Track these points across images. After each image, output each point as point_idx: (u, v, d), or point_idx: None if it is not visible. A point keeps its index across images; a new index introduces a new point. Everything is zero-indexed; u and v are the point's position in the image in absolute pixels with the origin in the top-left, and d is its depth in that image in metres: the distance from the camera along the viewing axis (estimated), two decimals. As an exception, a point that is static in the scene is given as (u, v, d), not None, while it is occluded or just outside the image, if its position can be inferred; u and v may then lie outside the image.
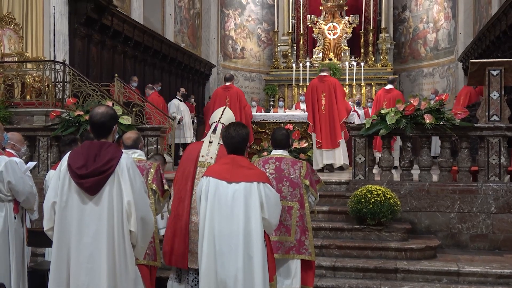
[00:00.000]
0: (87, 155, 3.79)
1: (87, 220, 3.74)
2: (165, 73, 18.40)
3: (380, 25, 21.15)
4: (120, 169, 3.78)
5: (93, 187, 3.73)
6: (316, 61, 20.50)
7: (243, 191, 4.26)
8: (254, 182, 4.29)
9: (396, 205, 7.65)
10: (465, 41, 19.30)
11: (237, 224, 4.23)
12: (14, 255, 5.57)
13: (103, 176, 3.74)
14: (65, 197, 3.79)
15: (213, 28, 21.69)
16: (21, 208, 5.73)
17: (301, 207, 5.61)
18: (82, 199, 3.76)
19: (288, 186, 5.58)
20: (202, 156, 5.88)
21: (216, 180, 4.32)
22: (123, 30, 15.24)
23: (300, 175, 5.61)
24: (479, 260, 7.37)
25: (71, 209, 3.77)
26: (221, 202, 4.28)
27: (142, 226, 3.83)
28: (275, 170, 5.59)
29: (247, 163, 4.49)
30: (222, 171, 4.36)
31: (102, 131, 3.91)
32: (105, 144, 3.85)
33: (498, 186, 8.07)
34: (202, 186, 4.39)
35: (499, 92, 8.35)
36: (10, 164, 5.59)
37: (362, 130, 8.48)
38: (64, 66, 10.78)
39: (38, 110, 10.38)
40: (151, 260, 5.45)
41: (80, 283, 3.72)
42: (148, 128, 9.40)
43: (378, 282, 6.88)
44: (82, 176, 3.73)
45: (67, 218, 3.77)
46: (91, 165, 3.74)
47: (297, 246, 5.58)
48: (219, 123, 6.14)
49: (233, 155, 4.44)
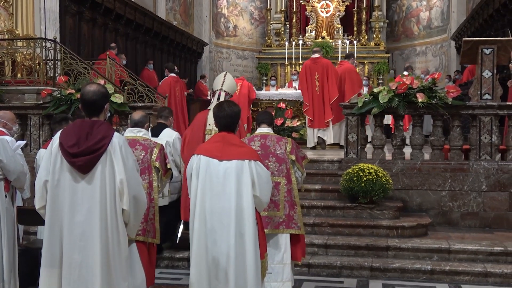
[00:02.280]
0: (79, 133, 3.74)
1: (79, 199, 3.72)
2: (157, 51, 18.28)
3: (373, 3, 21.03)
4: (113, 148, 3.76)
5: (85, 165, 3.71)
6: (309, 39, 20.40)
7: (234, 169, 4.26)
8: (246, 160, 4.30)
9: (388, 184, 7.69)
10: (458, 19, 19.25)
11: (229, 202, 4.24)
12: (6, 234, 5.55)
13: (95, 155, 3.71)
14: (57, 175, 3.76)
15: (205, 5, 21.51)
16: (11, 187, 5.71)
17: (288, 182, 5.60)
18: (74, 177, 3.73)
19: (275, 162, 5.57)
20: (209, 125, 6.38)
21: (207, 158, 4.30)
22: (115, 8, 15.10)
23: (285, 151, 5.61)
24: (469, 238, 7.44)
25: (63, 188, 3.74)
26: (212, 180, 4.28)
27: (135, 204, 3.83)
28: (260, 147, 5.57)
29: (238, 141, 4.49)
30: (213, 149, 4.35)
31: (94, 109, 3.85)
32: (97, 122, 3.81)
33: (489, 165, 8.12)
34: (193, 164, 4.37)
35: (491, 70, 8.36)
36: (1, 143, 5.55)
37: (354, 108, 8.48)
38: (55, 44, 10.69)
39: (29, 88, 10.32)
40: (150, 237, 5.50)
41: (73, 261, 3.71)
42: (140, 107, 9.36)
43: (369, 260, 6.93)
44: (74, 154, 3.70)
45: (59, 197, 3.75)
46: (83, 143, 3.71)
47: (286, 220, 5.60)
48: (222, 91, 6.66)
49: (224, 133, 4.43)
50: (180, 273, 6.92)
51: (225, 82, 6.80)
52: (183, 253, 7.06)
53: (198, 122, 6.62)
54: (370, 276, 6.75)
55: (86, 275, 3.70)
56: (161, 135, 7.30)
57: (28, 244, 6.56)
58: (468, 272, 6.61)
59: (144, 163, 5.61)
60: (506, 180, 8.06)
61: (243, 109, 10.94)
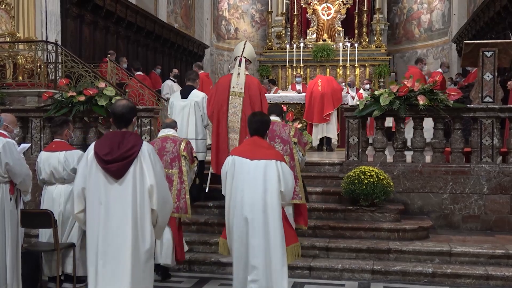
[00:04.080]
0: (111, 143, 4.17)
1: (113, 201, 4.12)
2: (158, 54, 18.30)
3: (374, 5, 21.02)
4: (143, 155, 4.17)
5: (118, 171, 4.11)
6: (310, 42, 20.39)
7: (263, 167, 4.98)
8: (273, 160, 5.02)
9: (389, 186, 7.69)
10: (459, 22, 19.25)
11: (258, 194, 4.94)
12: (10, 236, 5.56)
13: (127, 161, 4.12)
14: (93, 181, 4.16)
15: (206, 8, 21.53)
16: (16, 189, 5.71)
17: (291, 159, 6.59)
18: (109, 182, 4.13)
19: (280, 143, 6.63)
20: (233, 87, 7.65)
21: (240, 158, 5.05)
22: (116, 11, 15.11)
23: (289, 135, 6.69)
24: (471, 241, 7.43)
25: (99, 192, 4.14)
26: (244, 176, 4.99)
27: (163, 205, 4.24)
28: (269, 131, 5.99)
29: (266, 145, 5.29)
30: (245, 151, 5.13)
31: (123, 121, 4.28)
32: (127, 133, 4.24)
33: (490, 167, 8.11)
34: (228, 163, 5.12)
35: (492, 73, 8.36)
36: (8, 146, 5.55)
37: (355, 111, 8.48)
38: (56, 47, 10.70)
39: (31, 91, 10.32)
40: (183, 213, 6.60)
41: (107, 256, 4.13)
42: (141, 109, 9.35)
43: (371, 263, 6.93)
44: (108, 161, 4.10)
45: (96, 200, 4.14)
46: (115, 151, 4.12)
47: None
48: (242, 57, 7.86)
49: (254, 138, 5.20)
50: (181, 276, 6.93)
51: (245, 49, 7.92)
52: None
53: (223, 85, 7.74)
54: (371, 279, 6.75)
55: (117, 266, 4.12)
56: (190, 96, 8.24)
57: (29, 246, 6.56)
58: (469, 275, 6.61)
59: (174, 153, 6.67)
60: (507, 183, 8.05)
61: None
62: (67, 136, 6.65)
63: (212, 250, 7.36)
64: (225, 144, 7.64)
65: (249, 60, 7.98)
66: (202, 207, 7.73)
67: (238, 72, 7.78)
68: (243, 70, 7.83)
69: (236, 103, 7.74)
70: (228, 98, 7.67)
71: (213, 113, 7.78)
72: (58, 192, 6.41)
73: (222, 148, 7.64)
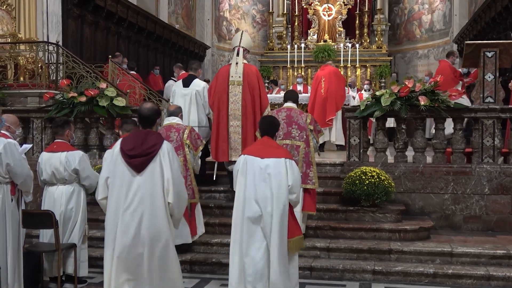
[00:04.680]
0: (135, 140, 4.65)
1: (133, 191, 4.56)
2: (159, 55, 18.30)
3: (375, 6, 21.03)
4: (162, 152, 4.62)
5: (140, 165, 4.58)
6: (311, 42, 20.40)
7: (272, 164, 5.36)
8: (282, 158, 5.41)
9: (390, 187, 7.69)
10: (460, 22, 19.24)
11: (267, 190, 5.31)
12: (11, 237, 5.56)
13: (148, 157, 4.58)
14: (117, 173, 4.61)
15: (207, 9, 21.52)
16: (17, 190, 5.71)
17: (306, 145, 7.22)
18: (131, 174, 4.58)
19: (297, 129, 7.22)
20: (231, 76, 8.02)
21: (251, 157, 5.44)
22: (117, 11, 15.12)
23: (306, 122, 7.28)
24: (472, 241, 7.43)
25: (122, 182, 4.59)
26: (255, 173, 5.37)
27: (178, 199, 4.65)
28: (286, 117, 7.25)
29: (275, 144, 5.72)
30: (256, 151, 5.52)
31: (148, 122, 4.79)
32: (150, 132, 4.74)
33: (491, 168, 8.11)
34: (240, 162, 5.49)
35: (493, 74, 8.35)
36: (9, 146, 5.56)
37: (356, 112, 8.48)
38: (58, 47, 10.71)
39: (32, 91, 10.34)
40: (191, 198, 6.90)
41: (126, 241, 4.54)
42: (142, 110, 9.35)
43: (372, 263, 6.92)
44: (131, 156, 4.58)
45: (118, 189, 4.59)
46: (138, 148, 4.60)
47: (303, 177, 6.89)
48: (240, 47, 8.17)
49: (264, 138, 5.62)
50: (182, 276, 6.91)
51: (243, 39, 8.28)
52: (185, 256, 7.06)
53: (222, 75, 8.13)
54: (372, 279, 6.74)
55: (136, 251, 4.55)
56: (191, 85, 8.57)
57: (31, 247, 6.56)
58: (470, 276, 6.60)
59: (178, 141, 7.05)
60: (508, 183, 8.05)
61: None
62: (68, 137, 6.65)
63: (213, 250, 7.37)
64: (225, 132, 8.00)
65: (246, 49, 8.31)
66: (203, 207, 7.72)
67: (237, 61, 8.12)
68: (241, 59, 8.15)
69: (236, 92, 8.05)
70: (228, 87, 8.03)
71: (214, 102, 8.14)
72: (59, 193, 6.40)
73: (222, 135, 8.01)
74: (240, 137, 7.98)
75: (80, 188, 6.49)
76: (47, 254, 6.34)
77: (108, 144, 9.29)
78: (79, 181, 6.47)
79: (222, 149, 7.98)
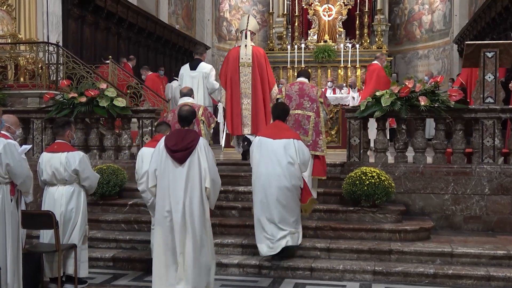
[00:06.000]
0: (177, 137, 5.57)
1: (177, 179, 5.44)
2: (159, 55, 18.31)
3: (375, 6, 21.05)
4: (199, 147, 5.51)
5: (182, 158, 5.47)
6: (311, 43, 20.41)
7: (283, 145, 6.60)
8: (291, 139, 6.64)
9: (391, 187, 7.68)
10: (461, 22, 19.26)
11: (278, 167, 6.55)
12: (10, 237, 5.55)
13: (188, 151, 5.48)
14: (163, 165, 5.51)
15: (207, 9, 21.53)
16: (17, 190, 5.71)
17: (317, 116, 7.98)
18: (174, 165, 5.47)
19: (308, 101, 7.98)
20: (241, 58, 9.07)
21: (265, 138, 6.72)
22: (117, 11, 15.13)
23: (316, 95, 8.04)
24: (472, 242, 7.42)
25: (167, 172, 5.49)
26: (268, 152, 6.62)
27: (213, 185, 5.56)
28: (298, 89, 8.07)
29: (286, 127, 6.94)
30: (269, 133, 6.77)
31: (186, 121, 5.73)
32: (189, 130, 5.67)
33: (492, 168, 8.10)
34: (255, 142, 6.79)
35: (494, 74, 8.35)
36: (9, 147, 5.55)
37: (357, 112, 8.48)
38: (58, 48, 10.72)
39: (32, 92, 10.35)
40: None
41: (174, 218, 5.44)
42: (142, 110, 9.37)
43: (372, 263, 6.92)
44: (174, 151, 5.48)
45: (165, 178, 5.49)
46: (180, 143, 5.50)
47: (313, 144, 7.89)
48: (247, 31, 9.16)
49: (276, 122, 6.87)
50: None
51: (249, 23, 9.23)
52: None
53: (233, 56, 9.13)
54: (372, 280, 6.74)
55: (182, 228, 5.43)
56: (198, 68, 9.34)
57: (31, 248, 6.55)
58: (471, 276, 6.59)
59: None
60: (509, 184, 8.05)
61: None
62: (68, 137, 6.64)
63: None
64: (238, 109, 9.06)
65: (253, 32, 9.33)
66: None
67: (245, 44, 9.14)
68: (249, 42, 9.17)
69: (246, 72, 9.11)
70: (238, 68, 9.07)
71: (226, 82, 9.11)
72: (60, 193, 6.39)
73: (235, 112, 9.05)
74: (250, 113, 9.10)
75: (80, 189, 6.48)
76: (47, 254, 6.33)
77: (108, 144, 9.30)
78: (79, 182, 6.46)
79: (236, 124, 9.05)
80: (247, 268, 7.00)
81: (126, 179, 8.64)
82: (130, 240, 7.73)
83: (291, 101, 8.00)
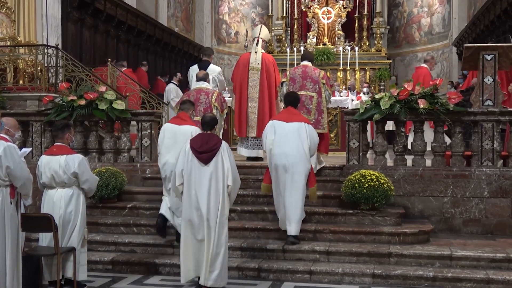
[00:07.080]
0: (201, 140, 6.28)
1: (203, 178, 6.17)
2: (159, 58, 18.32)
3: (374, 9, 21.03)
4: (222, 149, 6.25)
5: (207, 159, 6.19)
6: (310, 45, 20.38)
7: (296, 127, 7.25)
8: (303, 122, 7.32)
9: (390, 190, 7.68)
10: (460, 25, 19.27)
11: (290, 148, 7.17)
12: (10, 240, 5.55)
13: (212, 153, 6.20)
14: (189, 165, 6.22)
15: (206, 12, 21.55)
16: (16, 193, 5.70)
17: (319, 96, 8.55)
18: (200, 166, 6.19)
19: (310, 82, 8.57)
20: (251, 63, 9.54)
21: (279, 122, 7.39)
22: (116, 14, 15.15)
23: (319, 76, 8.61)
24: (471, 245, 7.42)
25: (194, 172, 6.20)
26: (281, 134, 7.25)
27: (234, 182, 6.28)
28: (302, 72, 8.64)
29: (297, 112, 7.58)
30: (283, 117, 7.44)
31: (209, 126, 6.45)
32: (212, 134, 6.42)
33: (491, 171, 8.11)
34: (268, 126, 7.45)
35: (493, 77, 8.36)
36: (9, 149, 5.55)
37: (356, 115, 8.48)
38: (57, 51, 10.72)
39: (31, 95, 10.34)
40: None
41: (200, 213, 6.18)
42: (142, 113, 9.37)
43: (371, 266, 6.92)
44: (200, 152, 6.20)
45: (191, 178, 6.20)
46: (204, 146, 6.23)
47: (315, 123, 8.36)
48: (259, 38, 9.73)
49: (289, 107, 7.52)
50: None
51: (262, 31, 9.80)
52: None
53: (244, 62, 9.64)
54: (372, 283, 6.74)
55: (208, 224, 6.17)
56: (208, 70, 9.38)
57: (30, 251, 6.54)
58: (470, 279, 6.59)
59: (207, 103, 8.37)
60: (508, 187, 8.05)
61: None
62: (68, 140, 6.64)
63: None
64: (245, 112, 9.48)
65: (264, 40, 9.91)
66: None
67: (256, 50, 9.62)
68: (260, 49, 9.66)
69: (255, 77, 9.54)
70: (248, 73, 9.52)
71: (236, 85, 9.62)
72: (59, 196, 6.38)
73: (243, 115, 9.49)
74: (256, 116, 9.48)
75: (79, 192, 6.47)
76: (46, 257, 6.32)
77: (107, 147, 9.30)
78: (79, 185, 6.46)
79: (243, 126, 9.49)
80: (246, 271, 7.01)
81: (125, 182, 8.63)
82: (129, 243, 7.73)
83: (294, 83, 8.63)
